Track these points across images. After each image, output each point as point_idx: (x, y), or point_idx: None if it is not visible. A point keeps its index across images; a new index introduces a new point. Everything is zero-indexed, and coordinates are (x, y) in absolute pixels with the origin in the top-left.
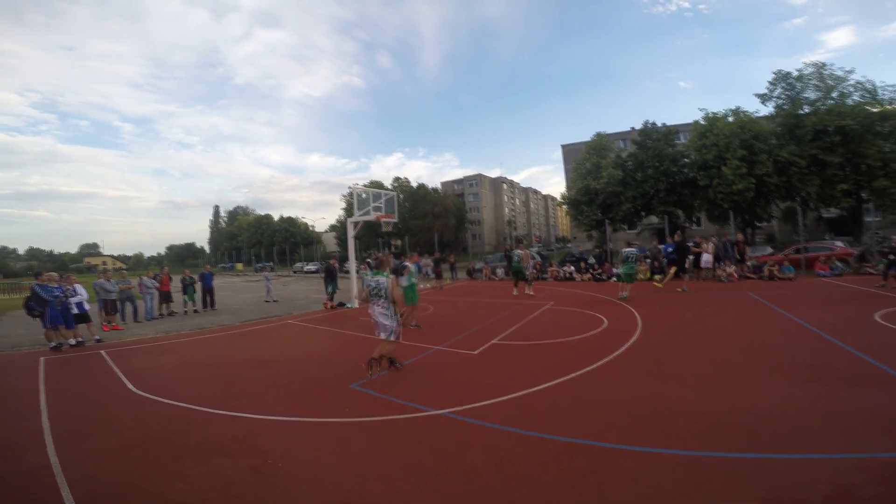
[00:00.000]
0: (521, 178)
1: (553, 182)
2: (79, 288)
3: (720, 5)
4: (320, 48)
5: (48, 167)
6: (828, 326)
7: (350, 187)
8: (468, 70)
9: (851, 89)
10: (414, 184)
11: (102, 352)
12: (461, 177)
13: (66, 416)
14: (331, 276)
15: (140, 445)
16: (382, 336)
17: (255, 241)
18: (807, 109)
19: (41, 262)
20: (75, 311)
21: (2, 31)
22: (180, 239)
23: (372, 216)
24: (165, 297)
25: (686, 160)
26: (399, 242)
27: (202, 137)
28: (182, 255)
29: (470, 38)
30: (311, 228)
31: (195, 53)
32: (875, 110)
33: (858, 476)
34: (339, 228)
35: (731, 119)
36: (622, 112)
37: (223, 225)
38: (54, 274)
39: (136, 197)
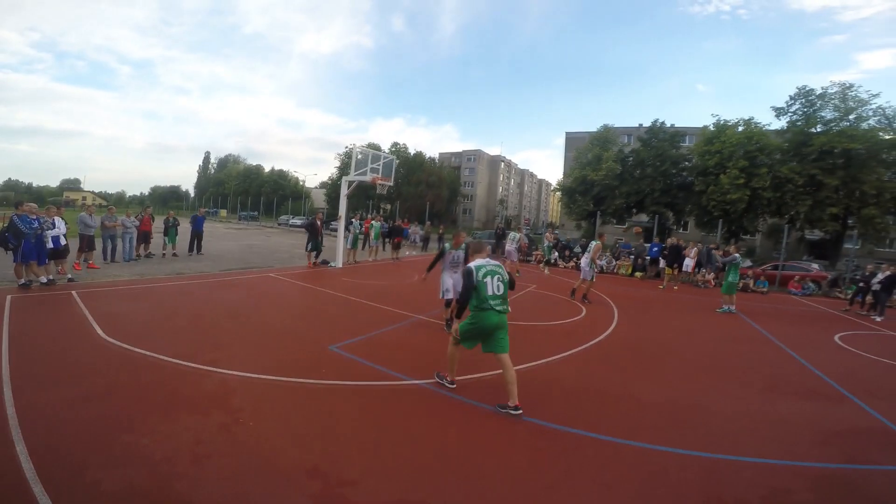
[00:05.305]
0: (518, 159)
1: (550, 168)
2: (58, 221)
3: (762, 13)
4: (336, 3)
5: (38, 105)
6: (790, 341)
7: (348, 146)
8: (484, 43)
9: (871, 113)
10: (412, 151)
11: (74, 292)
12: (460, 150)
13: (29, 361)
14: (314, 233)
15: (105, 397)
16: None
17: (242, 189)
18: (819, 128)
19: (18, 193)
20: (50, 245)
21: None
22: (165, 181)
23: (368, 177)
24: (144, 238)
25: (687, 163)
26: (389, 207)
27: (200, 84)
28: (165, 197)
29: (492, 11)
30: (301, 183)
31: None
32: (887, 137)
33: (793, 482)
34: (330, 186)
35: (741, 129)
36: (633, 107)
37: (212, 171)
38: (34, 205)
39: (124, 137)
